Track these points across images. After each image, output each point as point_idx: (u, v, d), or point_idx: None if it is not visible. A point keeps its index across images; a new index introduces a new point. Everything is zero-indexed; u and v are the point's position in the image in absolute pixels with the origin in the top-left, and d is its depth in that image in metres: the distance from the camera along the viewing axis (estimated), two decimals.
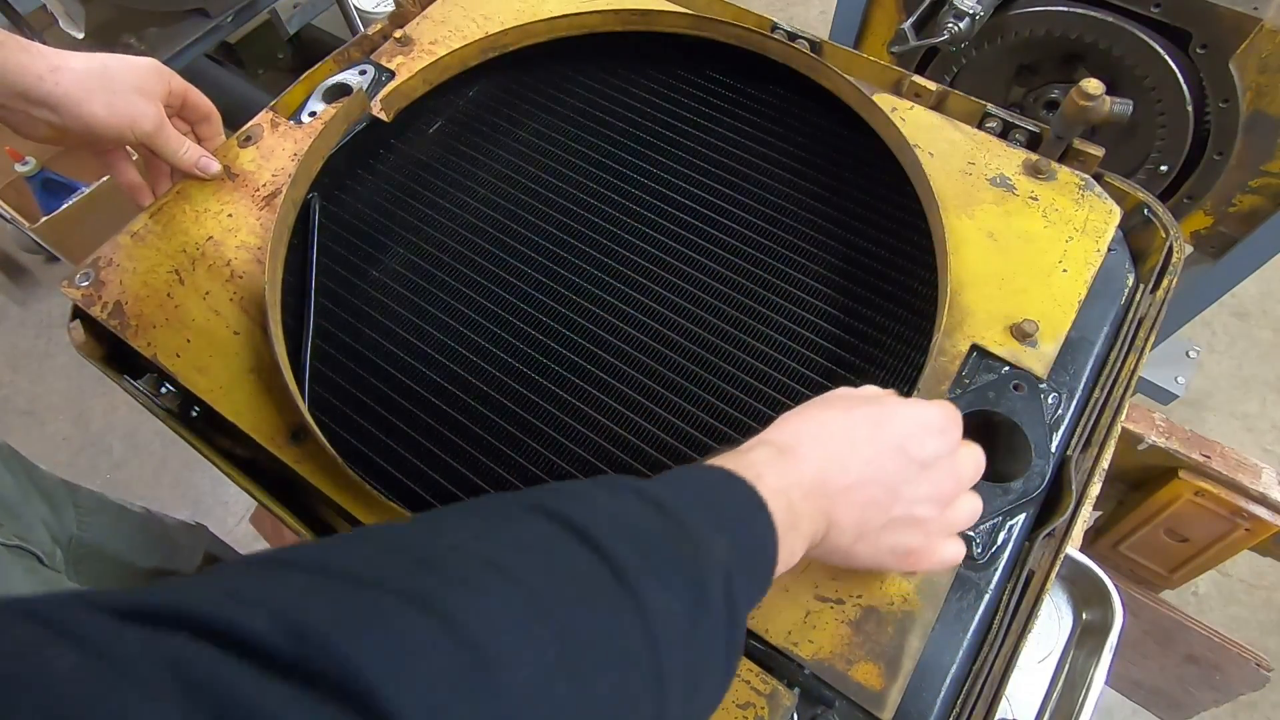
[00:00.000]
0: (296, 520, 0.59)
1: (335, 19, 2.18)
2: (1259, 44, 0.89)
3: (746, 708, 0.48)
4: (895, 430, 0.44)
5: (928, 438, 0.45)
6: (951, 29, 0.96)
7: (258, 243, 0.68)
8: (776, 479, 0.40)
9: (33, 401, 1.88)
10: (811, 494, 0.42)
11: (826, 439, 0.44)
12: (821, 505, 0.42)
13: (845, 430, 0.44)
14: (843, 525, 0.43)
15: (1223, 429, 1.76)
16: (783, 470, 0.41)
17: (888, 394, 0.49)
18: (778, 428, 0.45)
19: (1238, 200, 1.07)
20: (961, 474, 0.47)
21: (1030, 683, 0.73)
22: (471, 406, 0.64)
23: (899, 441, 0.44)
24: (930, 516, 0.45)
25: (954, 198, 0.66)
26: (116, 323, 0.65)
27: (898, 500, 0.44)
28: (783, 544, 0.39)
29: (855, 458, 0.43)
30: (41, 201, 1.87)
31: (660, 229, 0.71)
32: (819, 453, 0.43)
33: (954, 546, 0.47)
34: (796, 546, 0.41)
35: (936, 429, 0.45)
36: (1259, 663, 1.08)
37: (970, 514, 0.48)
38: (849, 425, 0.44)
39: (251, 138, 0.74)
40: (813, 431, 0.44)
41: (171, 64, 1.82)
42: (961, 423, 0.48)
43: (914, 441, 0.44)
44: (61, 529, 0.72)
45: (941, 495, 0.45)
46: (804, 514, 0.41)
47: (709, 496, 0.38)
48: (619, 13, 0.80)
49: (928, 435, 0.45)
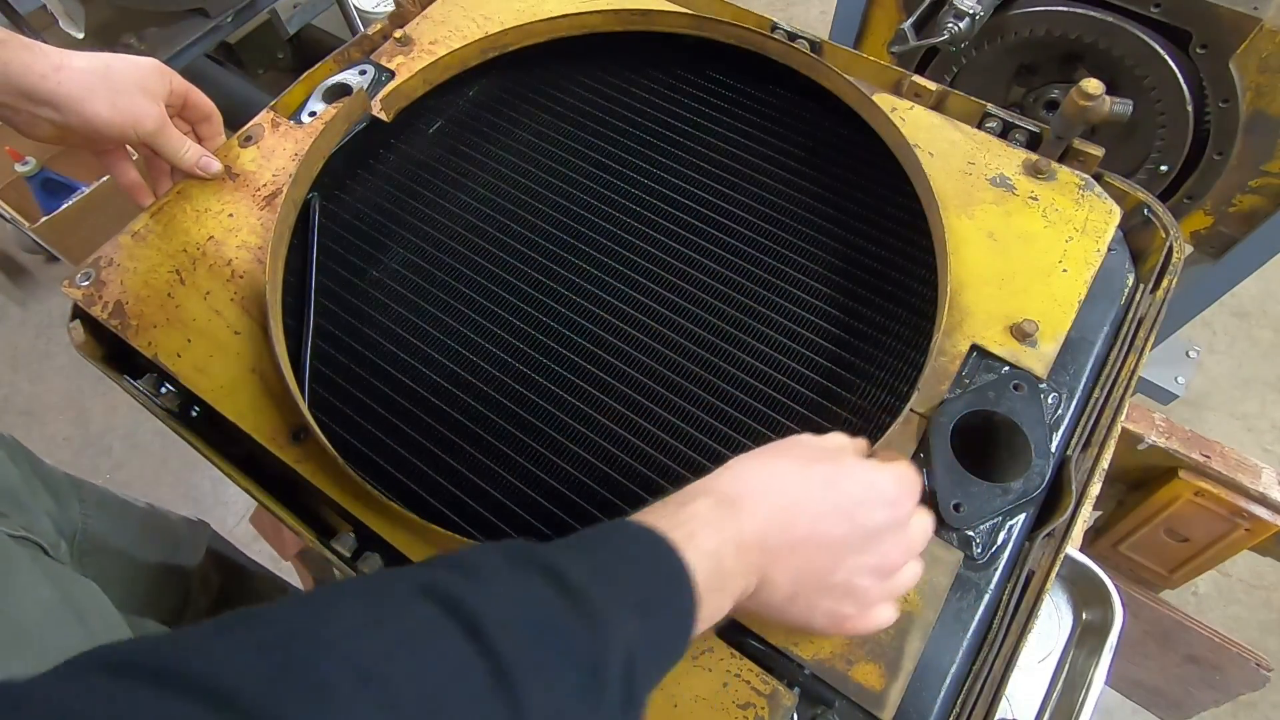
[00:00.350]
0: (296, 520, 0.59)
1: (335, 19, 2.18)
2: (1259, 44, 0.89)
3: (747, 708, 0.48)
4: (847, 494, 0.43)
5: (879, 507, 0.43)
6: (951, 29, 0.96)
7: (258, 242, 0.68)
8: (711, 538, 0.39)
9: (33, 401, 1.88)
10: (748, 550, 0.40)
11: (775, 494, 0.42)
12: (757, 561, 0.41)
13: (796, 487, 0.43)
14: (776, 583, 0.42)
15: (1223, 429, 1.76)
16: (721, 526, 0.40)
17: (854, 445, 0.48)
18: (729, 472, 0.44)
19: (1238, 200, 1.07)
20: (911, 545, 0.45)
21: (1030, 683, 0.73)
22: (471, 406, 0.64)
23: (849, 507, 0.43)
24: (869, 587, 0.44)
25: (954, 198, 0.66)
26: (117, 322, 0.65)
27: (839, 568, 0.43)
28: (704, 607, 0.38)
29: (801, 518, 0.42)
30: (41, 201, 1.87)
31: (660, 229, 0.71)
32: (765, 508, 0.41)
33: (886, 612, 0.46)
34: (722, 604, 0.40)
35: (889, 499, 0.44)
36: (1259, 663, 1.08)
37: (911, 581, 0.47)
38: (801, 482, 0.43)
39: (252, 138, 0.74)
40: (762, 484, 0.43)
41: (171, 64, 1.82)
42: (919, 489, 0.46)
43: (864, 510, 0.43)
44: (67, 522, 0.72)
45: (884, 566, 0.44)
46: (735, 571, 0.40)
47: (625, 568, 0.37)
48: (619, 13, 0.80)
49: (880, 504, 0.43)
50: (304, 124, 0.75)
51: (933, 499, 0.54)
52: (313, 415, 0.59)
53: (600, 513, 0.58)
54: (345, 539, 0.56)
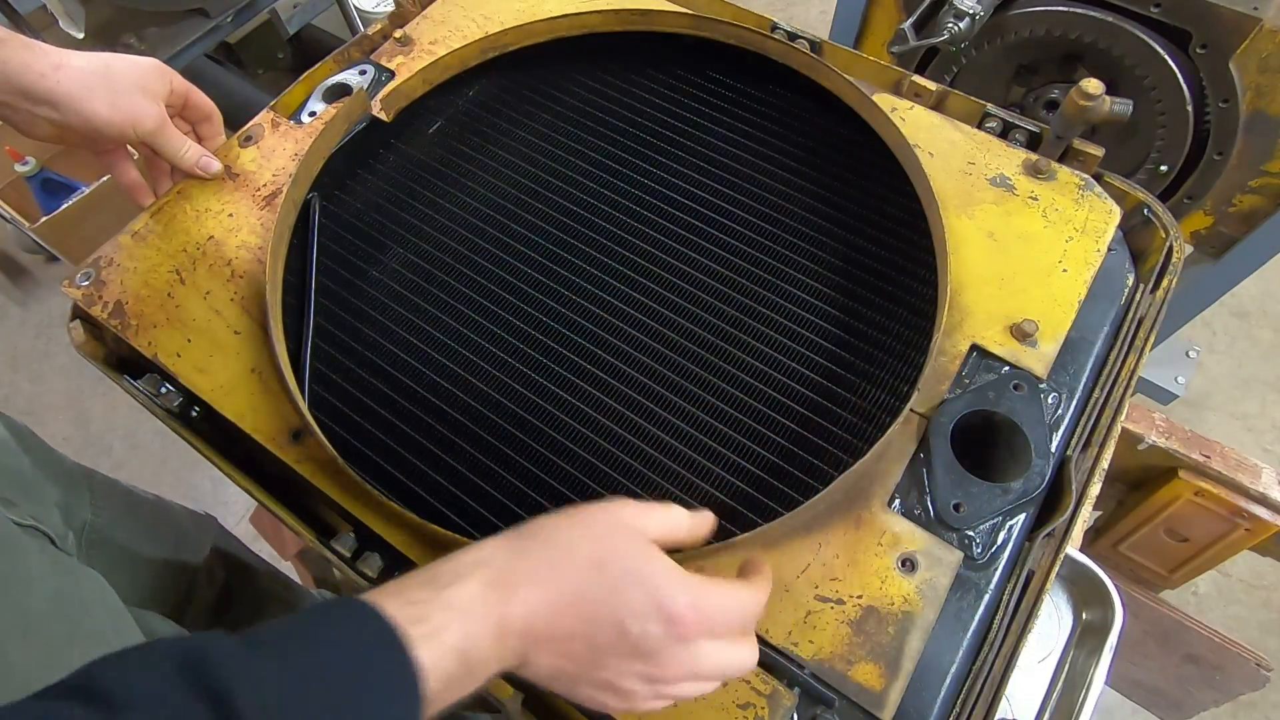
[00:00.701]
0: (296, 520, 0.59)
1: (335, 19, 2.18)
2: (1259, 44, 0.89)
3: (746, 708, 0.48)
4: (626, 603, 0.40)
5: (655, 624, 0.40)
6: (951, 29, 0.96)
7: (259, 242, 0.68)
8: (457, 633, 0.37)
9: (33, 401, 1.88)
10: (507, 637, 0.39)
11: (556, 582, 0.40)
12: (516, 647, 0.39)
13: (578, 580, 0.40)
14: (537, 666, 0.40)
15: (1223, 429, 1.76)
16: (485, 615, 0.38)
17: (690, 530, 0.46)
18: (520, 542, 0.42)
19: (1238, 200, 1.07)
20: (695, 668, 0.42)
21: (1030, 683, 0.73)
22: (471, 406, 0.64)
23: (623, 616, 0.40)
24: (636, 690, 0.41)
25: (954, 198, 0.66)
26: (117, 322, 0.65)
27: (603, 668, 0.41)
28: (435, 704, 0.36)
29: (573, 614, 0.40)
30: (41, 201, 1.87)
31: (660, 229, 0.71)
32: (538, 597, 0.39)
33: (658, 704, 0.43)
34: (468, 688, 0.38)
35: (669, 617, 0.40)
36: (1259, 663, 1.08)
37: (693, 694, 0.44)
38: (586, 576, 0.40)
39: (252, 138, 0.74)
40: (546, 569, 0.41)
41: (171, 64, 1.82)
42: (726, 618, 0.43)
43: (638, 623, 0.40)
44: (75, 515, 0.72)
45: (656, 677, 0.41)
46: (489, 658, 0.38)
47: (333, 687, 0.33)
48: (619, 13, 0.80)
49: (657, 621, 0.40)
50: (304, 124, 0.75)
51: (933, 499, 0.54)
52: (312, 415, 0.59)
53: None
54: (345, 539, 0.56)
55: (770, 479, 0.58)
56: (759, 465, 0.59)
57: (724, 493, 0.58)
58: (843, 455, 0.58)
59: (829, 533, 0.53)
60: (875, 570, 0.51)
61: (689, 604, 0.41)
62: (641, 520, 0.44)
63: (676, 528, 0.45)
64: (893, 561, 0.52)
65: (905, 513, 0.54)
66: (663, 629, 0.40)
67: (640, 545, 0.42)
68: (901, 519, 0.53)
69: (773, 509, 0.57)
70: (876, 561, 0.52)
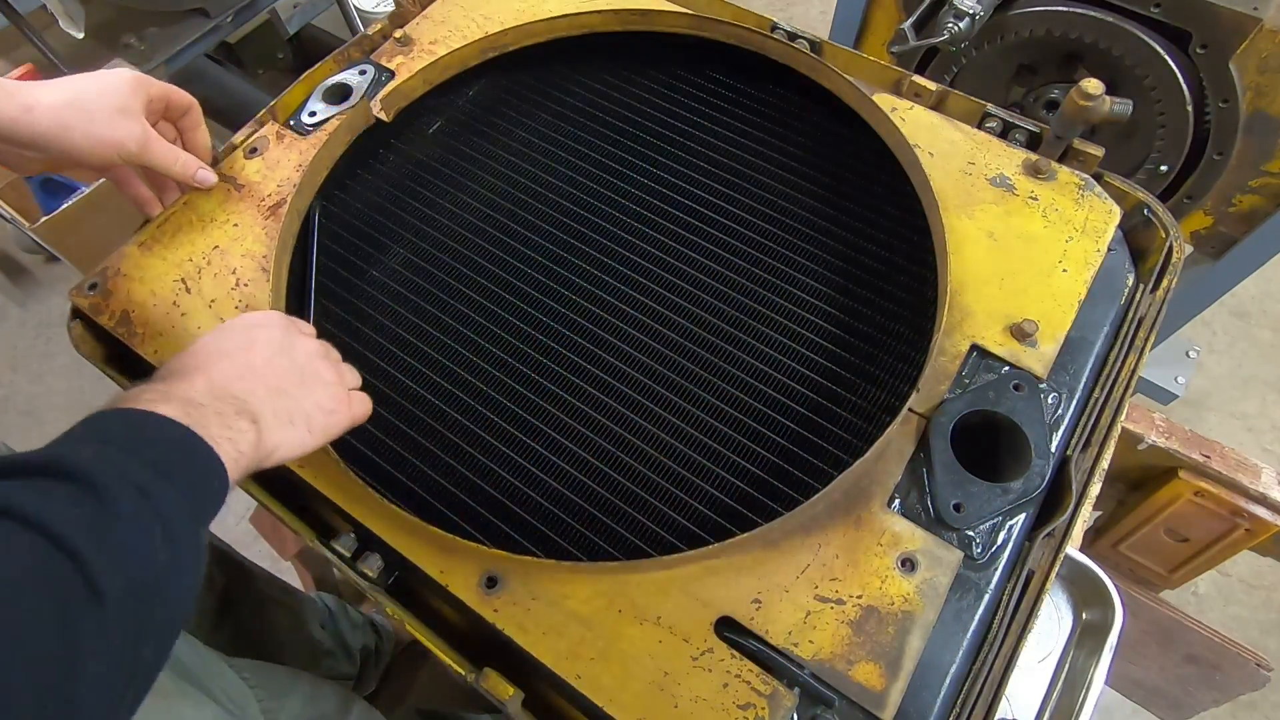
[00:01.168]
0: (296, 520, 0.59)
1: (335, 19, 2.18)
2: (1259, 44, 0.89)
3: (747, 708, 0.48)
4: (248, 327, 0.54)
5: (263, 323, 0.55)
6: (951, 29, 0.96)
7: (263, 251, 0.68)
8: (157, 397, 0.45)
9: (33, 401, 1.88)
10: (209, 396, 0.47)
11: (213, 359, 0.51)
12: (229, 403, 0.48)
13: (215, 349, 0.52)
14: (265, 413, 0.49)
15: (1223, 429, 1.76)
16: (166, 391, 0.46)
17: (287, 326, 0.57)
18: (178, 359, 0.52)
19: (1238, 200, 1.07)
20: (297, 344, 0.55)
21: (1030, 683, 0.73)
22: (471, 406, 0.64)
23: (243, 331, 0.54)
24: (326, 372, 0.55)
25: (954, 198, 0.66)
26: (124, 331, 0.65)
27: (294, 365, 0.53)
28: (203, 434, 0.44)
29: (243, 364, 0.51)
30: (41, 201, 1.87)
31: (660, 229, 0.71)
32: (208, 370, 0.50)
33: (363, 402, 0.57)
34: (237, 439, 0.46)
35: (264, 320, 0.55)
36: (1259, 663, 1.08)
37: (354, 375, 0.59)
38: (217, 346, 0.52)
39: (257, 150, 0.75)
40: (198, 362, 0.51)
41: (171, 64, 1.82)
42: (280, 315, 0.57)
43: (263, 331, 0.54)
44: None
45: (326, 352, 0.56)
46: (210, 411, 0.46)
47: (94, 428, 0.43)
48: (619, 13, 0.80)
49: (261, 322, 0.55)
50: (308, 135, 0.75)
51: (933, 499, 0.54)
52: None
53: (600, 512, 0.58)
54: (345, 539, 0.56)
55: (770, 479, 0.58)
56: (759, 465, 0.59)
57: (724, 493, 0.58)
58: (842, 455, 0.58)
59: (829, 533, 0.53)
60: (875, 570, 0.51)
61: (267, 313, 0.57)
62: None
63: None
64: (893, 561, 0.52)
65: (905, 513, 0.54)
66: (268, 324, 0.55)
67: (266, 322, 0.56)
68: (901, 519, 0.53)
69: (772, 509, 0.57)
70: (876, 561, 0.52)
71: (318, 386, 0.54)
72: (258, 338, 0.53)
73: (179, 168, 0.67)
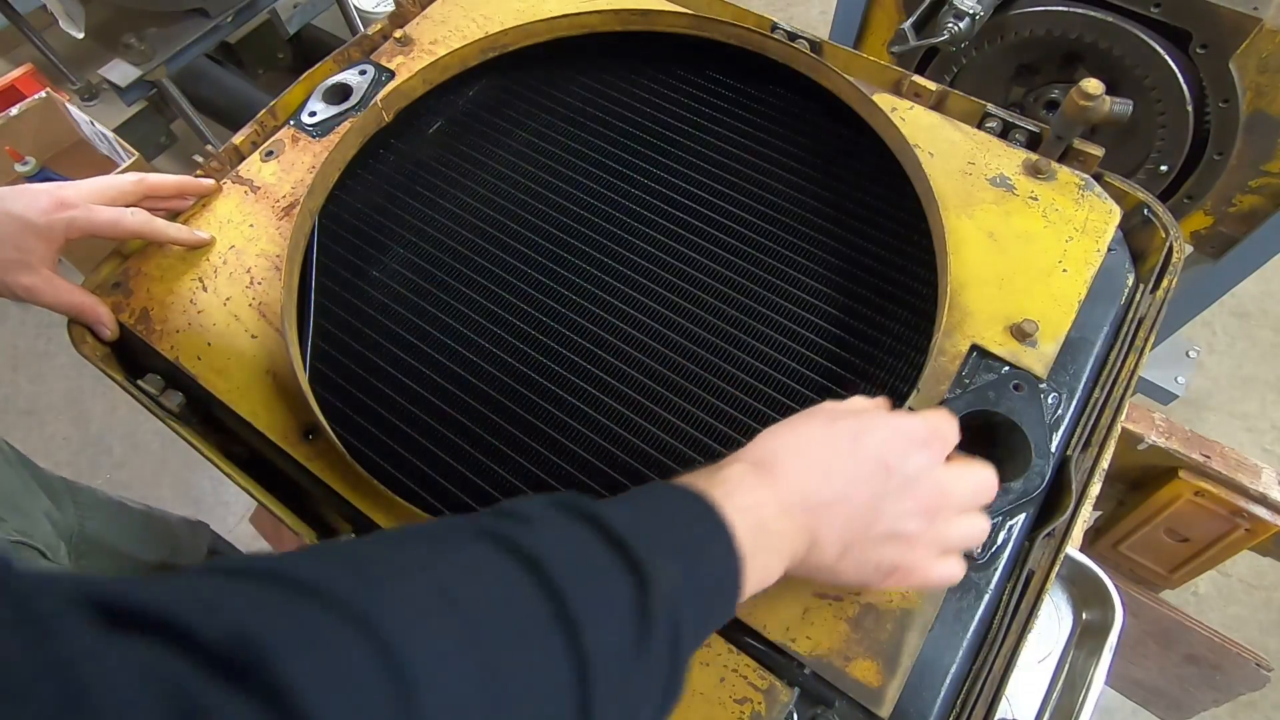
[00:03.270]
0: (297, 520, 0.59)
1: (335, 19, 2.18)
2: (1259, 44, 0.89)
3: (743, 703, 0.48)
4: (875, 442, 0.44)
5: (910, 450, 0.44)
6: (951, 29, 0.96)
7: (277, 250, 0.70)
8: (746, 497, 0.40)
9: (33, 401, 1.88)
10: (790, 511, 0.41)
11: (805, 454, 0.43)
12: (803, 522, 0.41)
13: (824, 445, 0.44)
14: (825, 542, 0.42)
15: (1223, 429, 1.76)
16: (755, 487, 0.41)
17: (876, 404, 0.48)
18: (757, 444, 0.45)
19: (1238, 200, 1.07)
20: (948, 487, 0.45)
21: (1030, 683, 0.73)
22: (472, 406, 0.64)
23: (879, 454, 0.43)
24: (916, 532, 0.44)
25: (954, 198, 0.66)
26: (143, 328, 0.67)
27: (880, 516, 0.43)
28: (751, 565, 0.38)
29: (835, 473, 0.43)
30: None
31: (660, 229, 0.71)
32: (797, 468, 0.42)
33: (948, 565, 0.45)
34: (772, 565, 0.40)
35: (919, 441, 0.44)
36: (1259, 663, 1.08)
37: (968, 534, 0.46)
38: (828, 439, 0.44)
39: (274, 153, 0.76)
40: (791, 447, 0.44)
41: (171, 64, 1.82)
42: (953, 433, 0.46)
43: (895, 454, 0.43)
44: (64, 524, 0.72)
45: (928, 509, 0.44)
46: (781, 532, 0.40)
47: (666, 519, 0.38)
48: (619, 13, 0.80)
49: (910, 447, 0.44)
50: (322, 139, 0.76)
51: None
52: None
53: None
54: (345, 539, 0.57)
55: None
56: None
57: None
58: None
59: None
60: None
61: (923, 424, 0.45)
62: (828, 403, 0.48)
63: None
64: None
65: None
66: (920, 452, 0.44)
67: (850, 409, 0.46)
68: None
69: None
70: None
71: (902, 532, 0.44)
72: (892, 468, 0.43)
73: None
